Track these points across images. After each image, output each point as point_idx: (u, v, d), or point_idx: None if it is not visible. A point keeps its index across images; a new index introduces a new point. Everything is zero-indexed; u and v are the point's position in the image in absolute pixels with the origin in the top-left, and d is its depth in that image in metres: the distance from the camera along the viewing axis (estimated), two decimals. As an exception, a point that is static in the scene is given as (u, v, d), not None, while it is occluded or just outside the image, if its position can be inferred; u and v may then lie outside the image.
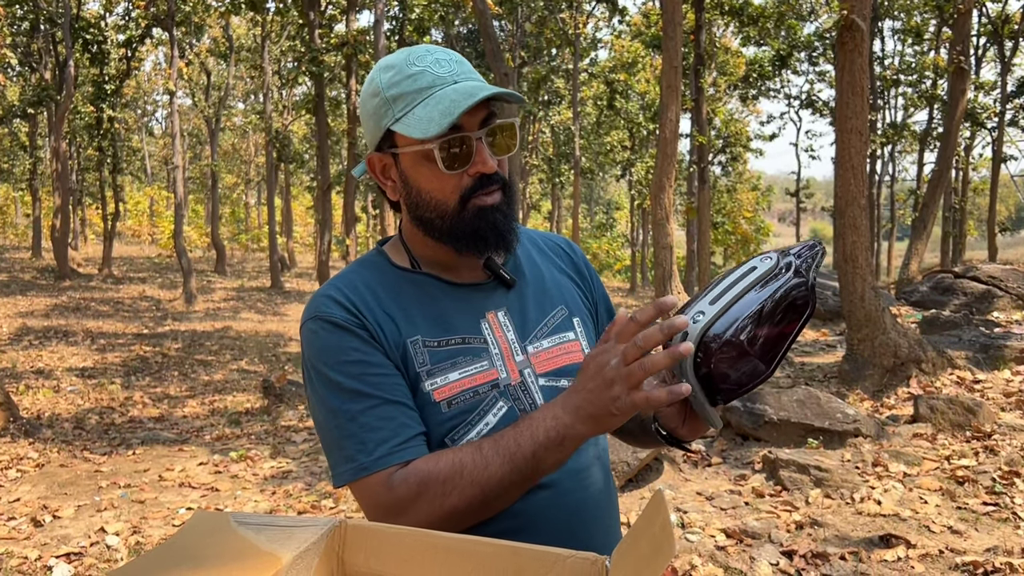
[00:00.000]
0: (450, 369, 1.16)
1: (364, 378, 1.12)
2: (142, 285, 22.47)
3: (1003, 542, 3.75)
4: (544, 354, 1.23)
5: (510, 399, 1.18)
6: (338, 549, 1.00)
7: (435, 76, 1.12)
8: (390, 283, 1.22)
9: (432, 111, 1.09)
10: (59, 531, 4.62)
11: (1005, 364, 6.64)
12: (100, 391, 10.03)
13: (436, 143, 1.11)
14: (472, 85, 1.11)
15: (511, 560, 0.99)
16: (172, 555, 0.87)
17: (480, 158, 1.12)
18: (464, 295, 1.22)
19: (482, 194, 1.15)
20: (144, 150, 41.53)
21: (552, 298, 1.29)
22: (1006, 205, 50.18)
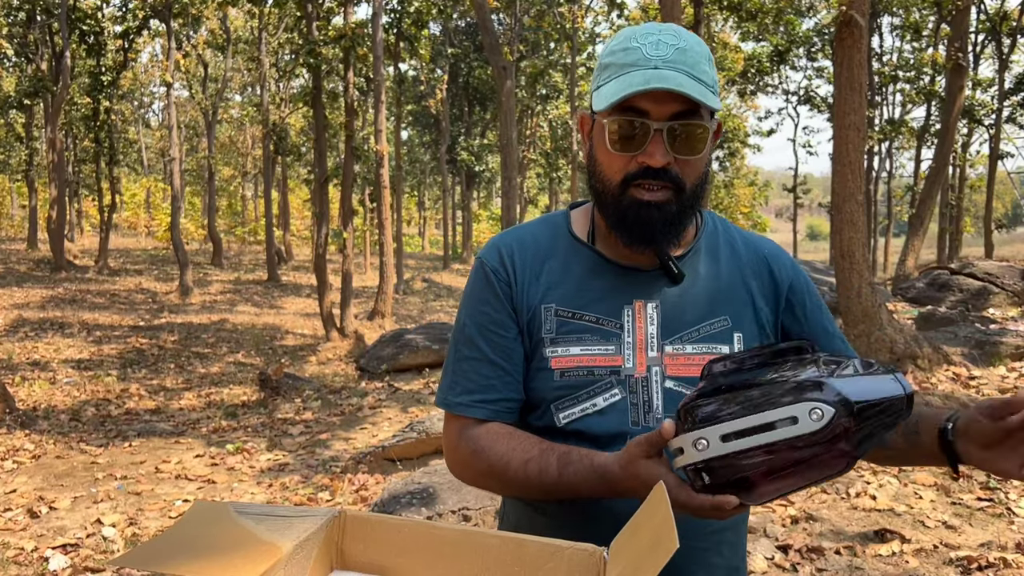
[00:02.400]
0: (574, 343, 1.18)
1: (483, 330, 1.22)
2: (138, 277, 22.43)
3: (997, 537, 3.77)
4: (683, 358, 1.19)
5: (627, 389, 1.17)
6: (337, 539, 1.00)
7: (643, 56, 1.10)
8: (555, 247, 1.25)
9: (617, 86, 1.10)
10: (55, 522, 4.63)
11: (1001, 360, 6.66)
12: (96, 383, 10.02)
13: (609, 119, 1.12)
14: (670, 75, 1.08)
15: (513, 550, 1.00)
16: (173, 544, 0.87)
17: (651, 148, 1.11)
18: (620, 277, 1.22)
19: (643, 186, 1.13)
20: (141, 142, 41.40)
21: (718, 304, 1.23)
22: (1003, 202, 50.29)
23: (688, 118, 1.10)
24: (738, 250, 1.29)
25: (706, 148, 1.14)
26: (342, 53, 14.83)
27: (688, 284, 1.22)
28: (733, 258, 1.28)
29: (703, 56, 1.12)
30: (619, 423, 1.17)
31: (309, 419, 7.54)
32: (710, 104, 1.09)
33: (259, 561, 0.82)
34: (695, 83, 1.09)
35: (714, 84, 1.13)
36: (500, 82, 9.80)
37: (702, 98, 1.08)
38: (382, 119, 15.08)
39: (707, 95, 1.09)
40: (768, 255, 1.30)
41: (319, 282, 14.81)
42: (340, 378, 10.35)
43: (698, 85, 1.09)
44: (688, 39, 1.13)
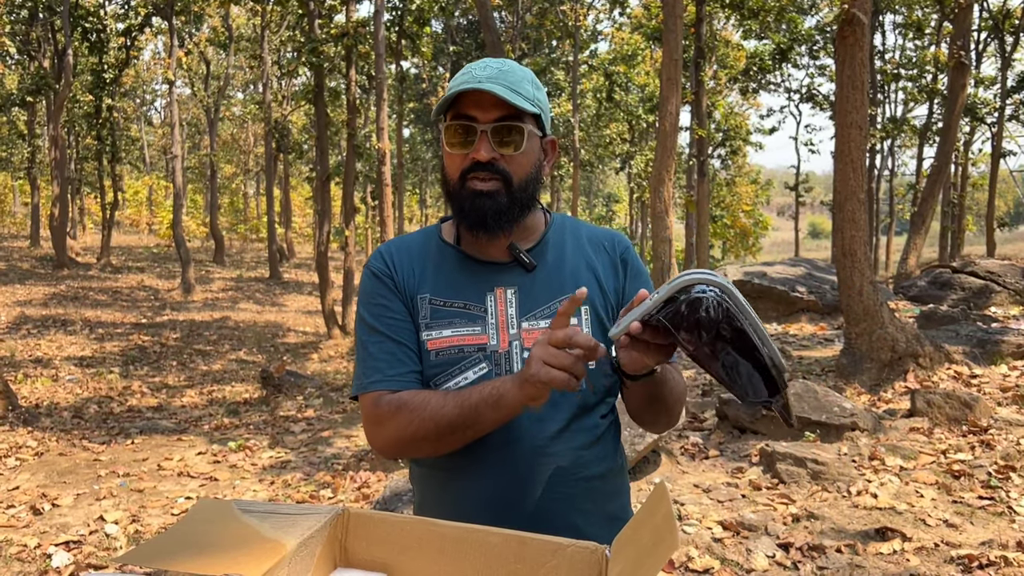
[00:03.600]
0: (445, 326, 1.38)
1: (381, 319, 1.40)
2: (140, 275, 22.45)
3: (998, 536, 3.77)
4: (538, 332, 1.38)
5: (492, 363, 1.36)
6: (340, 537, 1.01)
7: (471, 75, 1.33)
8: (427, 249, 1.47)
9: (445, 97, 1.34)
10: (58, 519, 4.63)
11: (1002, 359, 6.65)
12: (99, 380, 10.03)
13: (445, 124, 1.35)
14: (488, 85, 1.30)
15: (515, 548, 1.00)
16: (177, 541, 0.88)
17: (478, 145, 1.32)
18: (482, 270, 1.43)
19: (475, 178, 1.34)
20: (143, 139, 41.40)
21: (566, 285, 1.43)
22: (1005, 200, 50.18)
23: (508, 121, 1.32)
24: (582, 240, 1.50)
25: (525, 145, 1.34)
26: (344, 51, 14.83)
27: (539, 270, 1.43)
28: (577, 247, 1.49)
29: (525, 78, 1.36)
30: None
31: (311, 416, 7.55)
32: (519, 104, 1.30)
33: (263, 559, 0.82)
34: (511, 92, 1.31)
35: (534, 100, 1.35)
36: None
37: (512, 100, 1.29)
38: (384, 117, 15.07)
39: (519, 100, 1.31)
40: (606, 238, 1.53)
41: (321, 280, 14.82)
42: (342, 375, 10.36)
43: (514, 94, 1.31)
44: (512, 65, 1.37)
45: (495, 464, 1.34)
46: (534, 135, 1.38)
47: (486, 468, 1.34)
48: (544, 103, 1.40)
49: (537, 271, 1.44)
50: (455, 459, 1.34)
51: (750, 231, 33.26)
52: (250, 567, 0.80)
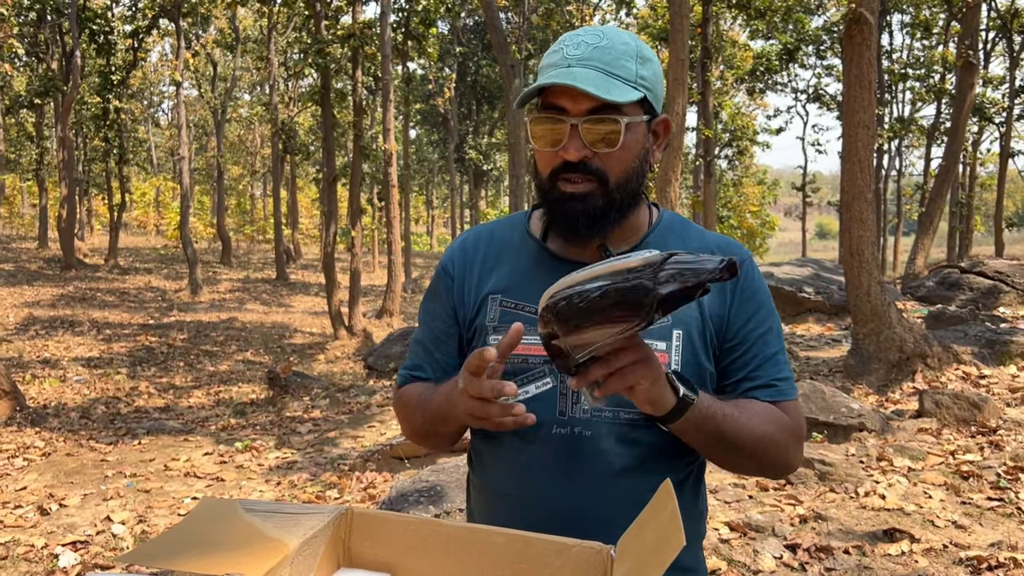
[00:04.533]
0: None
1: (427, 318, 1.37)
2: (148, 275, 22.52)
3: (1007, 537, 3.74)
4: None
5: (558, 379, 1.22)
6: (344, 536, 1.01)
7: (562, 56, 1.16)
8: (510, 241, 1.34)
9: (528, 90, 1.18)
10: (65, 519, 4.65)
11: (1011, 359, 6.62)
12: (106, 381, 10.07)
13: (531, 117, 1.19)
14: (579, 72, 1.12)
15: (520, 548, 1.00)
16: (181, 540, 0.88)
17: (567, 143, 1.15)
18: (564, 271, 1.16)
19: (565, 178, 1.18)
20: (150, 141, 41.55)
21: None
22: (1013, 200, 49.99)
23: (600, 113, 1.13)
24: (690, 245, 1.30)
25: (621, 141, 1.15)
26: (350, 52, 14.85)
27: None
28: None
29: (626, 53, 1.15)
30: (547, 410, 1.21)
31: (317, 417, 7.56)
32: (611, 98, 1.11)
33: (266, 558, 0.82)
34: (606, 78, 1.12)
35: (638, 80, 1.15)
36: (508, 80, 9.80)
37: (603, 93, 1.10)
38: (390, 118, 15.09)
39: (614, 89, 1.12)
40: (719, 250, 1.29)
41: (327, 280, 14.85)
42: (348, 376, 10.37)
43: (609, 80, 1.13)
44: (612, 38, 1.16)
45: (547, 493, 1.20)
46: (637, 123, 1.18)
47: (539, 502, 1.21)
48: (653, 79, 1.19)
49: None
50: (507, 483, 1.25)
51: (757, 231, 33.18)
52: (252, 566, 0.80)
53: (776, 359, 1.28)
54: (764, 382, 1.26)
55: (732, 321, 1.26)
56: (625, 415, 1.20)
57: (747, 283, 1.28)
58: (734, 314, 1.26)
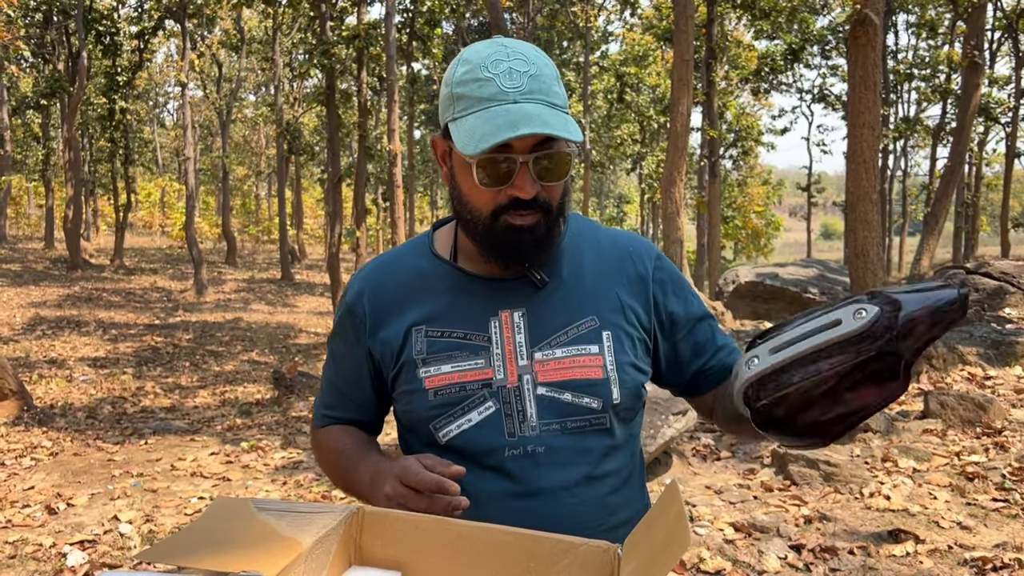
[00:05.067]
0: (444, 361, 1.20)
1: (336, 359, 1.34)
2: (153, 276, 22.59)
3: (1012, 538, 3.75)
4: (554, 363, 1.19)
5: (500, 401, 1.18)
6: (355, 535, 1.02)
7: (499, 89, 1.09)
8: (418, 270, 1.28)
9: (479, 127, 1.08)
10: (73, 519, 4.67)
11: (1016, 360, 6.61)
12: (112, 381, 10.11)
13: (475, 160, 1.10)
14: (532, 111, 1.07)
15: (528, 547, 1.01)
16: (195, 539, 0.89)
17: (520, 182, 1.11)
18: (484, 290, 1.23)
19: (515, 214, 1.14)
20: (155, 141, 41.67)
21: (584, 305, 1.23)
22: (1020, 200, 49.83)
23: (550, 146, 1.10)
24: (603, 248, 1.29)
25: (568, 171, 1.14)
26: (355, 53, 14.89)
27: (552, 288, 1.23)
28: (598, 257, 1.28)
29: (552, 77, 1.13)
30: (495, 435, 1.18)
31: (323, 417, 7.59)
32: (572, 136, 1.07)
33: (280, 556, 0.83)
34: (554, 112, 1.09)
35: (566, 103, 1.14)
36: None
37: (564, 133, 1.06)
38: (395, 118, 15.12)
39: (568, 124, 1.09)
40: (629, 246, 1.31)
41: (332, 281, 14.89)
42: (353, 377, 10.37)
43: (557, 113, 1.09)
44: (536, 60, 1.12)
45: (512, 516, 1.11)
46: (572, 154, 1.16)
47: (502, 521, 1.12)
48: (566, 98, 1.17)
49: (550, 288, 1.23)
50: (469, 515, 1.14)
51: (762, 232, 33.17)
52: (267, 564, 0.81)
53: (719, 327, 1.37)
54: (729, 348, 1.34)
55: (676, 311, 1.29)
56: (572, 423, 1.19)
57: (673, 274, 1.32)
58: (675, 304, 1.30)
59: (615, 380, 1.20)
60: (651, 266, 1.29)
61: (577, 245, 1.28)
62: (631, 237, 1.35)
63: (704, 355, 1.32)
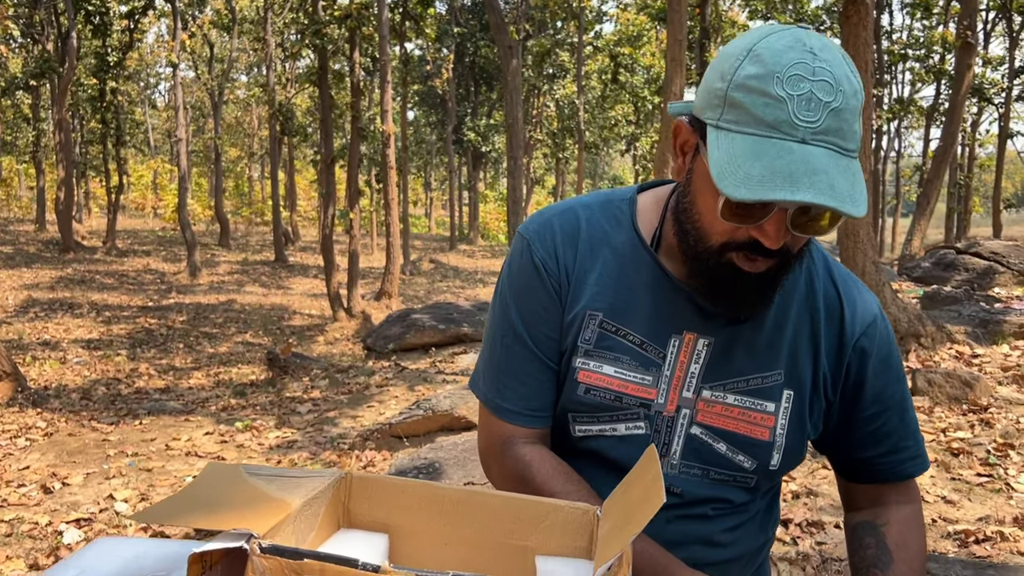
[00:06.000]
0: (609, 361, 1.09)
1: (533, 328, 1.12)
2: (146, 258, 22.55)
3: (995, 512, 3.81)
4: (720, 407, 1.08)
5: (652, 427, 1.08)
6: (344, 499, 1.05)
7: (790, 119, 0.86)
8: (610, 242, 1.12)
9: (747, 162, 0.87)
10: (68, 498, 4.71)
11: (1004, 339, 6.68)
12: (106, 362, 10.13)
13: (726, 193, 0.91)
14: (816, 162, 0.85)
15: (514, 509, 1.05)
16: (188, 502, 0.92)
17: (770, 228, 0.92)
18: (676, 299, 1.08)
19: (746, 257, 0.97)
20: (147, 123, 41.42)
21: (775, 356, 1.08)
22: (1012, 181, 49.94)
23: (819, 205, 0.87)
24: (816, 291, 1.11)
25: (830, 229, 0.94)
26: (348, 33, 14.80)
27: (749, 326, 1.08)
28: (808, 297, 1.11)
29: (855, 111, 0.89)
30: (636, 455, 1.07)
31: (317, 397, 7.62)
32: (855, 212, 0.85)
33: (270, 516, 0.86)
34: (843, 166, 0.87)
35: (858, 144, 0.91)
36: (506, 61, 9.80)
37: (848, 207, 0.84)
38: (388, 99, 15.06)
39: (855, 189, 0.86)
40: (847, 308, 1.11)
41: (326, 262, 14.88)
42: (347, 357, 10.44)
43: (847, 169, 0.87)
44: (844, 86, 0.88)
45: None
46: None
47: None
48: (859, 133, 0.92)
49: (746, 326, 1.07)
50: None
51: (755, 213, 33.19)
52: (257, 524, 0.84)
53: (916, 426, 1.18)
54: (912, 453, 1.16)
55: (871, 389, 1.12)
56: (716, 474, 1.11)
57: (883, 348, 1.12)
58: (874, 382, 1.11)
59: (780, 447, 1.09)
60: (859, 332, 1.11)
61: (793, 280, 1.09)
62: (854, 291, 1.13)
63: (876, 447, 1.15)
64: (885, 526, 1.18)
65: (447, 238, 34.60)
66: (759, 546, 1.20)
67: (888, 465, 1.17)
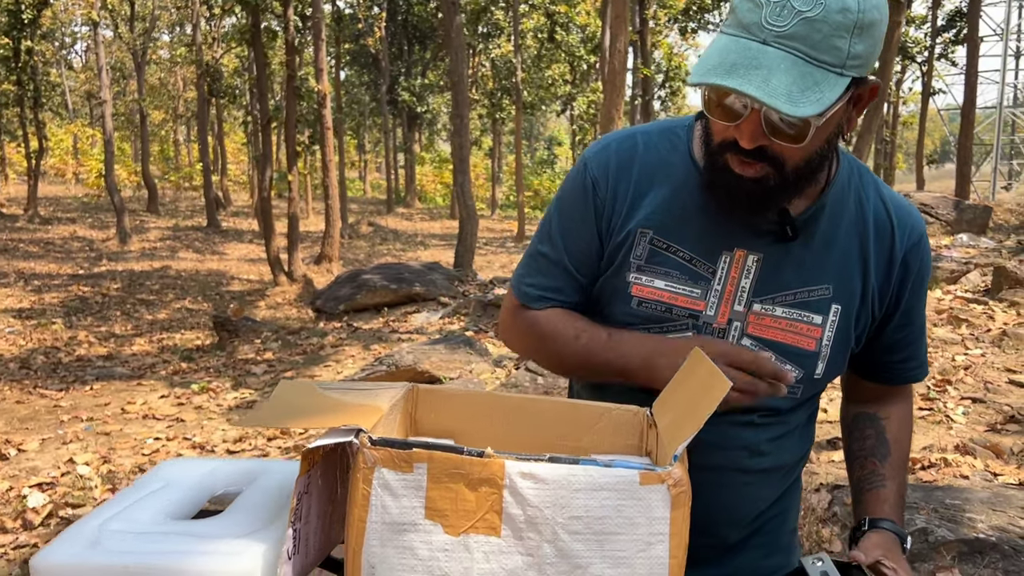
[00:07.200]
0: (660, 276, 1.14)
1: (567, 235, 1.19)
2: (72, 225, 21.77)
3: (937, 441, 4.08)
4: (770, 320, 1.13)
5: (701, 336, 1.13)
6: (411, 410, 1.11)
7: (759, 21, 0.94)
8: (669, 166, 1.17)
9: (713, 55, 0.97)
10: (26, 463, 4.63)
11: (937, 284, 7.03)
12: (42, 331, 9.84)
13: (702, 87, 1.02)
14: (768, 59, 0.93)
15: (566, 412, 1.12)
16: (280, 411, 0.97)
17: (745, 128, 1.00)
18: (730, 218, 1.12)
19: (737, 158, 1.04)
20: (64, 85, 39.56)
21: (824, 272, 1.14)
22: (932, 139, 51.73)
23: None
24: (866, 211, 1.17)
25: (810, 139, 0.99)
26: (280, -11, 14.38)
27: (799, 242, 1.12)
28: (859, 219, 1.16)
29: (842, 27, 0.93)
30: None
31: (271, 359, 7.58)
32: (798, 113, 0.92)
33: (367, 417, 0.92)
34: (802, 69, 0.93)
35: (849, 60, 0.95)
36: (449, 17, 9.69)
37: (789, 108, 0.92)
38: (323, 58, 14.76)
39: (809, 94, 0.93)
40: (895, 222, 1.17)
41: (265, 226, 14.62)
42: (294, 320, 10.34)
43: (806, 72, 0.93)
44: (828, 2, 0.92)
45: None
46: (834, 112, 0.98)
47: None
48: (871, 50, 0.97)
49: (796, 243, 1.12)
50: None
51: (689, 172, 33.66)
52: (365, 419, 0.90)
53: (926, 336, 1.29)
54: (921, 360, 1.28)
55: (906, 302, 1.19)
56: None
57: (923, 266, 1.20)
58: (909, 297, 1.19)
59: (824, 356, 1.15)
60: (907, 248, 1.17)
61: (842, 202, 1.15)
62: (903, 208, 1.20)
63: (895, 354, 1.25)
64: (886, 420, 1.31)
65: (384, 201, 34.23)
66: (796, 460, 1.27)
67: (902, 370, 1.27)
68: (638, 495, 0.86)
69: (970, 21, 16.41)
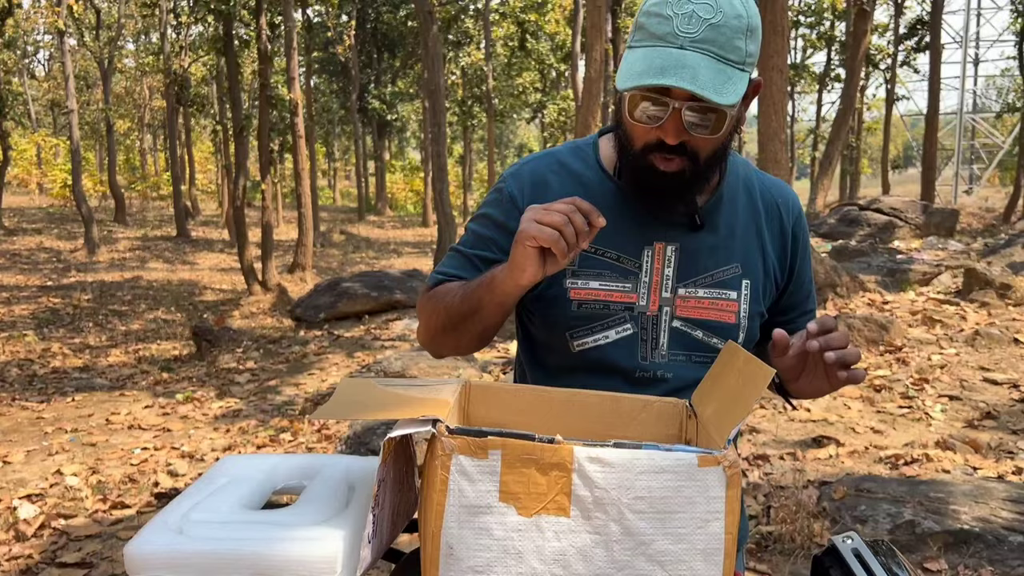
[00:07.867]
0: (593, 277, 1.27)
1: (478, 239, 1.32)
2: (38, 236, 21.43)
3: (918, 437, 4.20)
4: (694, 301, 1.28)
5: (638, 325, 1.27)
6: (464, 405, 1.17)
7: (672, 31, 1.10)
8: (582, 178, 1.31)
9: (636, 64, 1.11)
10: (13, 475, 4.58)
11: (910, 286, 7.22)
12: (15, 343, 9.68)
13: (628, 94, 1.15)
14: (690, 60, 1.08)
15: (610, 405, 1.19)
16: (351, 403, 1.02)
17: (668, 126, 1.14)
18: (642, 217, 1.27)
19: (660, 157, 1.18)
20: (27, 94, 38.91)
21: (732, 253, 1.31)
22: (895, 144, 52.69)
23: (708, 99, 1.09)
24: (755, 196, 1.35)
25: (724, 129, 1.16)
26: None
27: (706, 231, 1.29)
28: (750, 205, 1.34)
29: (738, 30, 1.10)
30: (629, 356, 1.28)
31: (253, 368, 7.54)
32: (724, 101, 1.08)
33: (439, 407, 0.97)
34: (718, 68, 1.09)
35: (747, 58, 1.12)
36: (426, 27, 9.74)
37: (707, 92, 1.07)
38: (295, 66, 14.72)
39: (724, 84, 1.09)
40: (780, 198, 1.38)
41: (239, 235, 14.50)
42: (271, 329, 10.29)
43: (722, 70, 1.09)
44: (725, 8, 1.09)
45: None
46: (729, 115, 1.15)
47: None
48: (757, 48, 1.15)
49: (704, 231, 1.29)
50: None
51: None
52: (437, 409, 0.95)
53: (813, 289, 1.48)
54: (812, 312, 1.47)
55: (797, 272, 1.39)
56: (697, 357, 1.30)
57: (805, 234, 1.40)
58: (799, 266, 1.39)
59: (743, 327, 1.31)
60: (793, 221, 1.38)
61: (734, 189, 1.34)
62: (782, 189, 1.41)
63: (792, 312, 1.43)
64: None
65: (355, 209, 34.08)
66: None
67: (797, 325, 1.37)
68: (696, 476, 0.93)
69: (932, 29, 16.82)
